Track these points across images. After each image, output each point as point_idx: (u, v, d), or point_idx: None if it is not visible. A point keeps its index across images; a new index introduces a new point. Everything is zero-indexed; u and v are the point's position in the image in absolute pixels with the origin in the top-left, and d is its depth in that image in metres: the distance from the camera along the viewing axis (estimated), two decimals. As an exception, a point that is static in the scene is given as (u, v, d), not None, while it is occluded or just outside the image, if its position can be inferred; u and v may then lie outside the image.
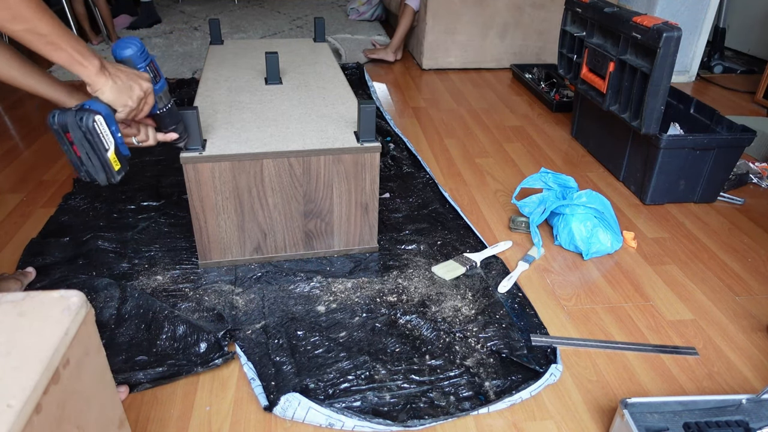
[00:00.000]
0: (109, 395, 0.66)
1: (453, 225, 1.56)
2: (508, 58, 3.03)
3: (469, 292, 1.30)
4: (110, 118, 0.89)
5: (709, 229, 1.62)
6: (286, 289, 1.28)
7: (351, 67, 2.81)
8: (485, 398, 1.02)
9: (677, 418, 0.91)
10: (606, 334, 1.21)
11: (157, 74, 0.98)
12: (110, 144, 0.89)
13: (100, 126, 0.87)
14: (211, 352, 1.09)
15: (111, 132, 0.89)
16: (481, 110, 2.44)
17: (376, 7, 3.78)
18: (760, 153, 2.04)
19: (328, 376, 1.05)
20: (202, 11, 3.95)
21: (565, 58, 2.08)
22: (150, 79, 0.95)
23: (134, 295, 1.22)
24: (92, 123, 0.85)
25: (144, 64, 0.95)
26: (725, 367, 1.14)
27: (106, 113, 0.88)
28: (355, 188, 1.32)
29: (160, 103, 1.01)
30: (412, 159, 1.93)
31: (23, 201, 1.63)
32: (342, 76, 1.66)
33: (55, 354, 0.52)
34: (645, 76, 1.56)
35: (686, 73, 2.90)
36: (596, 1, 1.82)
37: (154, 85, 0.97)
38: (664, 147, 1.59)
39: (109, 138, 0.89)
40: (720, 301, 1.33)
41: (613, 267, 1.44)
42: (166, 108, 1.04)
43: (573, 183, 1.53)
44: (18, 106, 2.30)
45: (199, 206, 1.25)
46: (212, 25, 1.90)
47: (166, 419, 0.98)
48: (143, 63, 0.95)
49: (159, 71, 0.99)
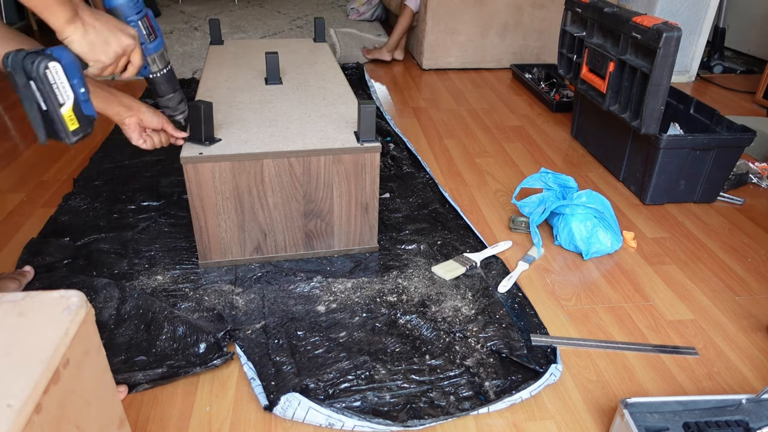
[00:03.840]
0: (109, 395, 0.66)
1: (453, 225, 1.56)
2: (508, 58, 3.03)
3: (469, 292, 1.30)
4: (73, 68, 0.78)
5: (709, 229, 1.62)
6: (286, 289, 1.28)
7: (351, 67, 2.81)
8: (485, 398, 1.02)
9: (677, 418, 0.91)
10: (606, 334, 1.21)
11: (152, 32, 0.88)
12: (67, 98, 0.77)
13: (55, 74, 0.75)
14: (211, 353, 1.09)
15: (71, 85, 0.78)
16: (481, 110, 2.44)
17: (376, 7, 3.77)
18: (760, 153, 2.04)
19: (328, 376, 1.05)
20: (202, 11, 3.95)
21: (565, 58, 2.08)
22: (136, 36, 0.85)
23: (134, 296, 1.22)
24: (43, 69, 0.74)
25: (136, 18, 0.85)
26: (725, 367, 1.14)
27: (68, 62, 0.77)
28: (355, 188, 1.32)
29: (153, 66, 0.91)
30: (412, 159, 1.93)
31: (23, 201, 1.63)
32: (342, 76, 1.66)
33: (55, 354, 0.52)
34: (645, 76, 1.56)
35: (686, 73, 2.90)
36: (596, 1, 1.82)
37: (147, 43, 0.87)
38: (664, 147, 1.59)
39: (66, 91, 0.77)
40: (720, 301, 1.33)
41: (613, 267, 1.44)
42: (161, 72, 0.93)
43: (573, 183, 1.53)
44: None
45: (199, 206, 1.25)
46: (212, 25, 1.90)
47: (166, 419, 0.98)
48: (135, 16, 0.85)
49: (155, 28, 0.89)
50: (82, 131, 0.81)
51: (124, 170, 1.78)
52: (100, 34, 0.80)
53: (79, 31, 0.78)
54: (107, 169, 1.79)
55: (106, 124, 2.13)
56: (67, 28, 0.77)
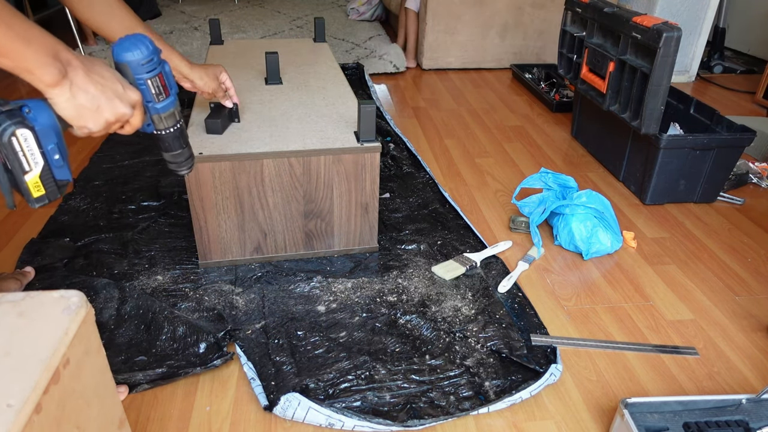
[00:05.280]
0: (109, 395, 0.66)
1: (453, 225, 1.56)
2: (508, 58, 3.03)
3: (469, 292, 1.30)
4: (48, 134, 0.68)
5: (709, 229, 1.62)
6: (286, 289, 1.28)
7: (351, 67, 2.81)
8: (485, 398, 1.02)
9: (677, 418, 0.91)
10: (606, 334, 1.21)
11: (163, 90, 0.78)
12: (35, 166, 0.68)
13: (23, 142, 0.66)
14: (211, 353, 1.09)
15: (43, 152, 0.68)
16: (481, 110, 2.44)
17: (376, 7, 3.77)
18: (760, 153, 2.04)
19: (328, 376, 1.05)
20: (202, 11, 3.95)
21: (565, 58, 2.08)
22: (138, 101, 0.74)
23: (134, 296, 1.22)
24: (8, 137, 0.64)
25: (146, 76, 0.74)
26: (725, 367, 1.14)
27: (43, 128, 0.67)
28: (355, 188, 1.32)
29: (159, 124, 0.81)
30: (412, 159, 1.93)
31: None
32: (342, 76, 1.66)
33: (55, 354, 0.52)
34: (645, 76, 1.56)
35: (686, 73, 2.90)
36: (596, 1, 1.82)
37: (154, 103, 0.77)
38: (664, 147, 1.59)
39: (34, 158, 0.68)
40: (720, 301, 1.33)
41: (613, 267, 1.44)
42: (169, 131, 0.83)
43: (573, 183, 1.53)
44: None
45: (199, 206, 1.25)
46: (212, 25, 1.90)
47: (166, 419, 0.98)
48: (145, 74, 0.74)
49: (169, 86, 0.79)
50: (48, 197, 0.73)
51: (124, 170, 1.78)
52: (93, 100, 0.68)
53: (65, 95, 0.66)
54: (107, 169, 1.79)
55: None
56: (51, 91, 0.65)
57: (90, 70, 0.68)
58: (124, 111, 0.72)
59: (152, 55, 0.74)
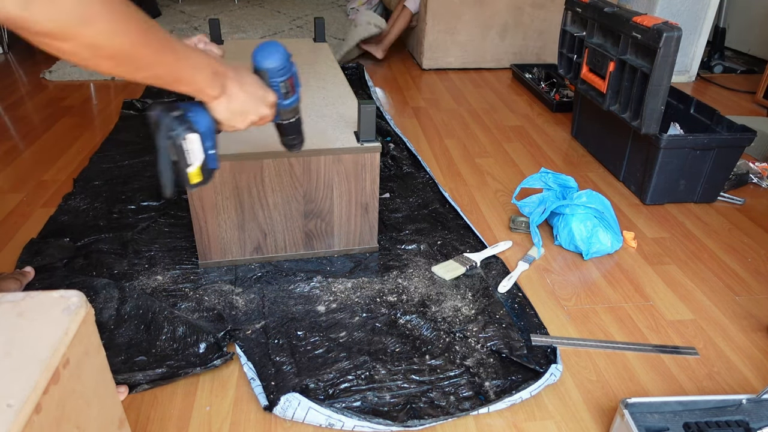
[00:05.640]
0: (109, 395, 0.66)
1: (453, 225, 1.56)
2: (508, 58, 3.03)
3: (469, 292, 1.29)
4: (209, 135, 0.79)
5: (709, 229, 1.62)
6: (286, 289, 1.28)
7: (351, 67, 2.81)
8: (485, 398, 1.02)
9: (677, 418, 0.91)
10: (606, 334, 1.21)
11: (291, 89, 0.86)
12: (195, 160, 0.79)
13: (191, 144, 0.77)
14: (211, 353, 1.09)
15: (204, 149, 0.79)
16: (481, 110, 2.44)
17: (376, 6, 3.77)
18: (760, 153, 2.04)
19: (328, 376, 1.05)
20: (202, 11, 3.95)
21: (565, 58, 2.08)
22: (275, 103, 0.84)
23: (134, 296, 1.22)
24: (180, 141, 0.76)
25: (280, 80, 0.83)
26: (725, 367, 1.14)
27: (206, 131, 0.78)
28: (355, 188, 1.32)
29: (283, 116, 0.90)
30: (412, 159, 1.93)
31: (23, 201, 1.63)
32: (342, 76, 1.66)
33: (55, 354, 0.52)
34: (645, 76, 1.55)
35: (686, 73, 2.90)
36: (596, 1, 1.82)
37: (284, 100, 0.86)
38: (664, 147, 1.59)
39: (196, 154, 0.79)
40: (720, 301, 1.33)
41: (613, 267, 1.44)
42: (289, 121, 0.92)
43: (573, 183, 1.53)
44: (18, 106, 2.30)
45: (199, 206, 1.25)
46: (212, 25, 1.90)
47: (166, 419, 0.98)
48: (280, 78, 0.83)
49: (295, 86, 0.87)
50: (204, 182, 0.83)
51: (124, 170, 1.78)
52: (243, 105, 0.79)
53: (223, 105, 0.77)
54: (107, 169, 1.79)
55: (104, 125, 2.13)
56: (213, 101, 0.76)
57: (240, 80, 0.78)
58: (266, 112, 0.82)
59: (287, 60, 0.83)
